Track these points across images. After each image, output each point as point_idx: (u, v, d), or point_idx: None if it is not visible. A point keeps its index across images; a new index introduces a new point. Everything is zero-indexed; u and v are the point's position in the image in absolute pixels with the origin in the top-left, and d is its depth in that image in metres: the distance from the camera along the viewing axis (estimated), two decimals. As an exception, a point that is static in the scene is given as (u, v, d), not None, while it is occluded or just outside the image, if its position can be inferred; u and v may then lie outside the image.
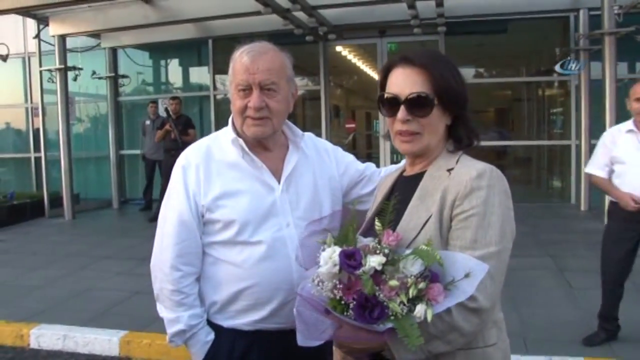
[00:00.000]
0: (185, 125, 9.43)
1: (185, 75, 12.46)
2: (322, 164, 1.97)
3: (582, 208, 8.74)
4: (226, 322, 1.86)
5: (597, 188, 4.47)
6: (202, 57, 11.71)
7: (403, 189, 1.59)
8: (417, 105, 1.50)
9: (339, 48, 11.36)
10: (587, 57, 8.72)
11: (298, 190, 1.87)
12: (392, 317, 1.28)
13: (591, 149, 8.51)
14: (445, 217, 1.44)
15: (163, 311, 1.89)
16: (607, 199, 7.52)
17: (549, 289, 5.16)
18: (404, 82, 1.52)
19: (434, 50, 1.62)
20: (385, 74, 1.59)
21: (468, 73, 11.01)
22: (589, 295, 4.91)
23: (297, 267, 1.73)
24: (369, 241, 1.40)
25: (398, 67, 1.55)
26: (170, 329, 1.87)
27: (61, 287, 5.85)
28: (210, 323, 1.89)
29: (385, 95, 1.55)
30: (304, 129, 2.09)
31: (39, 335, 4.69)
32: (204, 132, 10.11)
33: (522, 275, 5.56)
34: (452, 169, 1.51)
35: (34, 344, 4.68)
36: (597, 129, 8.20)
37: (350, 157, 2.07)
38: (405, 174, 1.67)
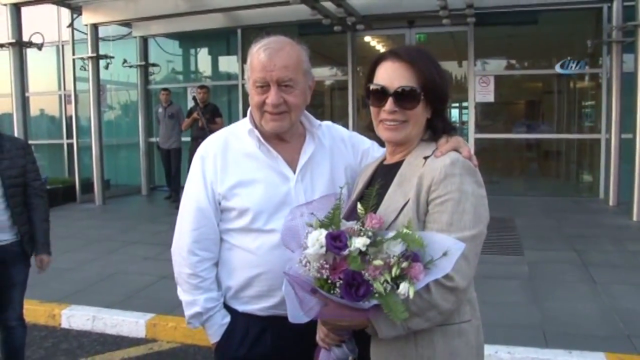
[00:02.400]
0: (212, 113, 9.56)
1: (214, 64, 12.60)
2: (338, 153, 2.01)
3: (611, 203, 8.60)
4: (241, 307, 1.95)
5: None
6: (231, 46, 11.81)
7: (383, 177, 1.69)
8: (404, 98, 1.60)
9: (367, 38, 11.34)
10: (618, 48, 8.56)
11: (313, 180, 1.92)
12: (376, 295, 1.37)
13: (621, 143, 8.44)
14: (422, 201, 1.54)
15: (182, 294, 1.98)
16: (637, 194, 7.45)
17: (572, 283, 5.13)
18: (392, 75, 1.61)
19: (419, 47, 1.72)
20: (373, 67, 1.68)
21: (498, 65, 10.90)
22: (612, 290, 4.89)
23: None
24: (352, 224, 1.48)
25: (386, 61, 1.64)
26: (188, 311, 1.96)
27: (91, 270, 6.03)
28: (226, 307, 1.97)
29: (374, 87, 1.64)
30: (331, 119, 2.14)
31: (69, 315, 4.86)
32: (231, 121, 10.10)
33: (546, 269, 5.55)
34: (428, 157, 1.61)
35: (65, 324, 4.86)
36: (627, 123, 8.08)
37: (367, 144, 2.08)
38: (385, 162, 1.78)
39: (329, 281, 1.41)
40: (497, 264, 5.68)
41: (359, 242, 1.40)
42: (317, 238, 1.43)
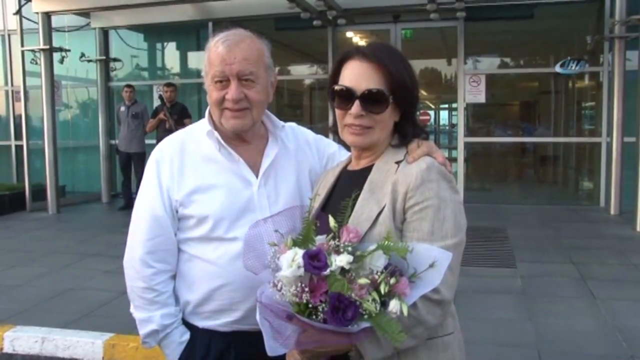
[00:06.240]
0: (180, 114, 9.51)
1: (183, 60, 12.54)
2: (303, 156, 2.03)
3: (612, 212, 8.71)
4: (201, 323, 1.92)
5: None
6: (202, 41, 11.73)
7: (349, 184, 1.69)
8: (372, 101, 1.60)
9: (349, 34, 11.35)
10: (621, 45, 8.65)
11: (277, 185, 1.93)
12: (365, 316, 1.34)
13: (624, 147, 8.53)
14: (398, 209, 1.55)
15: (135, 311, 1.95)
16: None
17: (569, 298, 5.16)
18: (360, 76, 1.61)
19: (388, 44, 1.74)
20: (338, 65, 1.68)
21: (490, 63, 11.00)
22: (613, 306, 4.93)
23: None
24: (323, 239, 1.45)
25: (353, 60, 1.64)
26: (143, 330, 1.92)
27: (42, 286, 5.92)
28: (185, 323, 1.94)
29: (339, 88, 1.63)
30: (310, 121, 2.14)
31: (14, 338, 4.72)
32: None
33: (541, 283, 5.58)
34: (400, 161, 1.62)
35: (7, 348, 4.71)
36: (630, 126, 8.16)
37: (333, 147, 2.11)
38: (349, 168, 1.78)
39: (310, 305, 1.36)
40: (487, 277, 5.70)
41: (341, 260, 1.36)
42: (292, 258, 1.38)
